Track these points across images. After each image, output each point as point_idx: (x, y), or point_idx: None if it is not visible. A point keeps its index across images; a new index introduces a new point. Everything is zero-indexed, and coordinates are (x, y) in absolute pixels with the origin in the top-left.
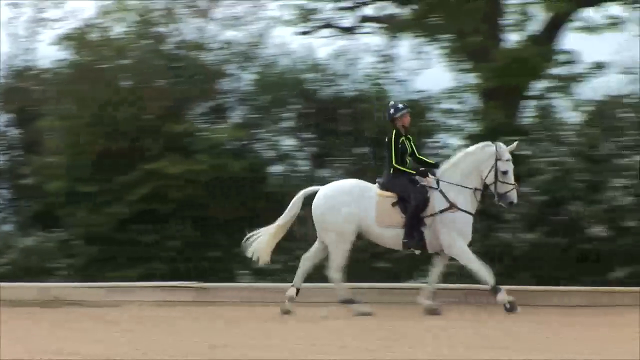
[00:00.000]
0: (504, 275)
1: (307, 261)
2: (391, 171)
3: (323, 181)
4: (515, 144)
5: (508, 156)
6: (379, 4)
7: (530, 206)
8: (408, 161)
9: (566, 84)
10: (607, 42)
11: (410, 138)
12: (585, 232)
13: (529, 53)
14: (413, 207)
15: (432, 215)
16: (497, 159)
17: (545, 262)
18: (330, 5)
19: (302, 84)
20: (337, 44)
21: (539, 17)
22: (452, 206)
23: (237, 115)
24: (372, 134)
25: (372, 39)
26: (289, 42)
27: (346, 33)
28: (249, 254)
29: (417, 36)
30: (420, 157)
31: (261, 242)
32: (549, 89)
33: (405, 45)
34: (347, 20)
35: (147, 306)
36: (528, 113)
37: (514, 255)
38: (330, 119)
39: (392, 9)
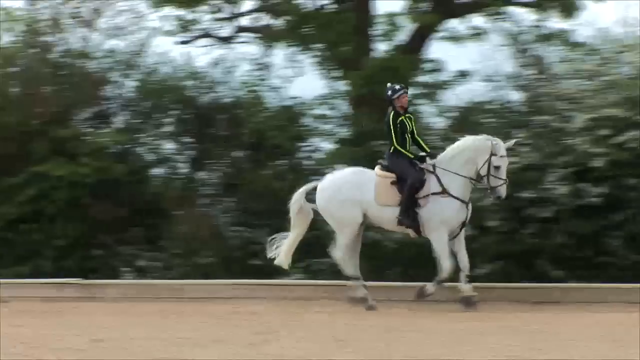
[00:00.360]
0: (374, 272)
1: (349, 251)
2: (391, 150)
3: (201, 183)
4: (513, 141)
5: (503, 152)
6: (254, 15)
7: None
8: (408, 138)
9: (432, 91)
10: (471, 52)
11: (411, 117)
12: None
13: (397, 62)
14: (409, 185)
15: (425, 197)
16: (492, 154)
17: (411, 260)
18: (209, 16)
19: (182, 91)
20: (215, 52)
21: (407, 28)
22: (444, 191)
23: (120, 121)
24: (248, 138)
25: (249, 48)
26: (169, 51)
27: (224, 42)
28: (273, 257)
29: (290, 45)
30: (418, 138)
31: (282, 247)
32: (416, 96)
33: (280, 54)
34: (225, 30)
35: (34, 302)
36: None
37: (383, 253)
38: (208, 124)
39: (267, 20)
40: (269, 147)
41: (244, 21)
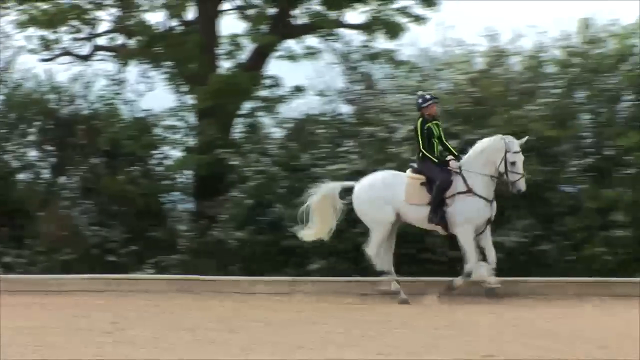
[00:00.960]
0: (219, 269)
1: (384, 248)
2: (420, 156)
3: (62, 187)
4: (525, 138)
5: (517, 149)
6: (110, 35)
7: (240, 208)
8: (435, 143)
9: (271, 104)
10: (306, 69)
11: (438, 123)
12: (287, 230)
13: (239, 78)
14: (437, 186)
15: (452, 196)
16: (506, 151)
17: (253, 256)
18: (69, 36)
19: (45, 104)
20: (75, 69)
21: (248, 48)
22: (469, 190)
23: None
24: (104, 147)
25: (105, 65)
26: (33, 68)
27: (83, 60)
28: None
29: (142, 63)
30: (446, 142)
31: (310, 232)
32: (257, 109)
33: (133, 70)
34: (84, 49)
35: None
36: (239, 129)
37: (226, 250)
38: (68, 134)
39: (121, 40)
40: (123, 155)
41: (101, 41)
